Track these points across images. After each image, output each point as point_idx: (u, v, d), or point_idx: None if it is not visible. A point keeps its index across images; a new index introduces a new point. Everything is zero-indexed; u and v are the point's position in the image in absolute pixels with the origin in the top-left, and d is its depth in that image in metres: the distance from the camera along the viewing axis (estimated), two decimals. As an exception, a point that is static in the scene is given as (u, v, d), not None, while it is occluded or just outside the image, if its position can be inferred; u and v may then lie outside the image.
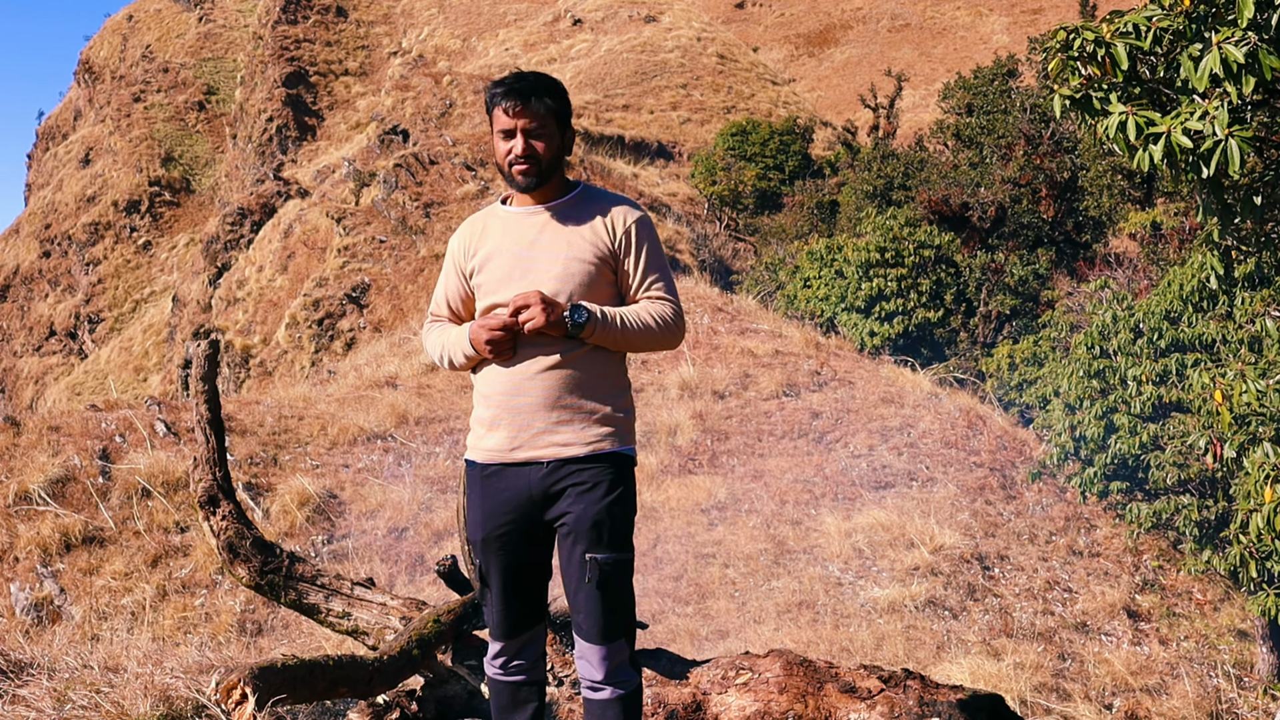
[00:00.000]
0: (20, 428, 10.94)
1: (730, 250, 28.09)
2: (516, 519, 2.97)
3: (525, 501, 2.95)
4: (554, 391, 2.91)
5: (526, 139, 2.91)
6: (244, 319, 27.72)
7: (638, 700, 3.05)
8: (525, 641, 3.10)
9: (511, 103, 2.90)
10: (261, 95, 48.73)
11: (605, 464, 2.94)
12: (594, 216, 3.01)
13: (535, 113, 2.91)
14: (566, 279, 2.94)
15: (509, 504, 2.96)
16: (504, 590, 3.04)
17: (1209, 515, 9.46)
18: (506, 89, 2.91)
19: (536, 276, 2.94)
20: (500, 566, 3.02)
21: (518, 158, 2.92)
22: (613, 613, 2.94)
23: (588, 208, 3.02)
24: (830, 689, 3.86)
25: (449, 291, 3.14)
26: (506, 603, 3.05)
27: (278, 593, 3.89)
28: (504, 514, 2.97)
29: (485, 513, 3.00)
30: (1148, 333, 10.13)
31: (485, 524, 3.00)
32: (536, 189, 2.97)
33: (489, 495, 2.99)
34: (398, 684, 3.88)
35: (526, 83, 2.92)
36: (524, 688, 3.14)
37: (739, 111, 34.53)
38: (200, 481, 3.82)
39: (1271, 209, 4.98)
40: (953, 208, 19.41)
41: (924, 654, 8.51)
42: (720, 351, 14.29)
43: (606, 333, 2.90)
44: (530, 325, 2.83)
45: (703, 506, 10.85)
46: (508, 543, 3.00)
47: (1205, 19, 4.37)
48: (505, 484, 2.97)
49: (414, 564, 9.71)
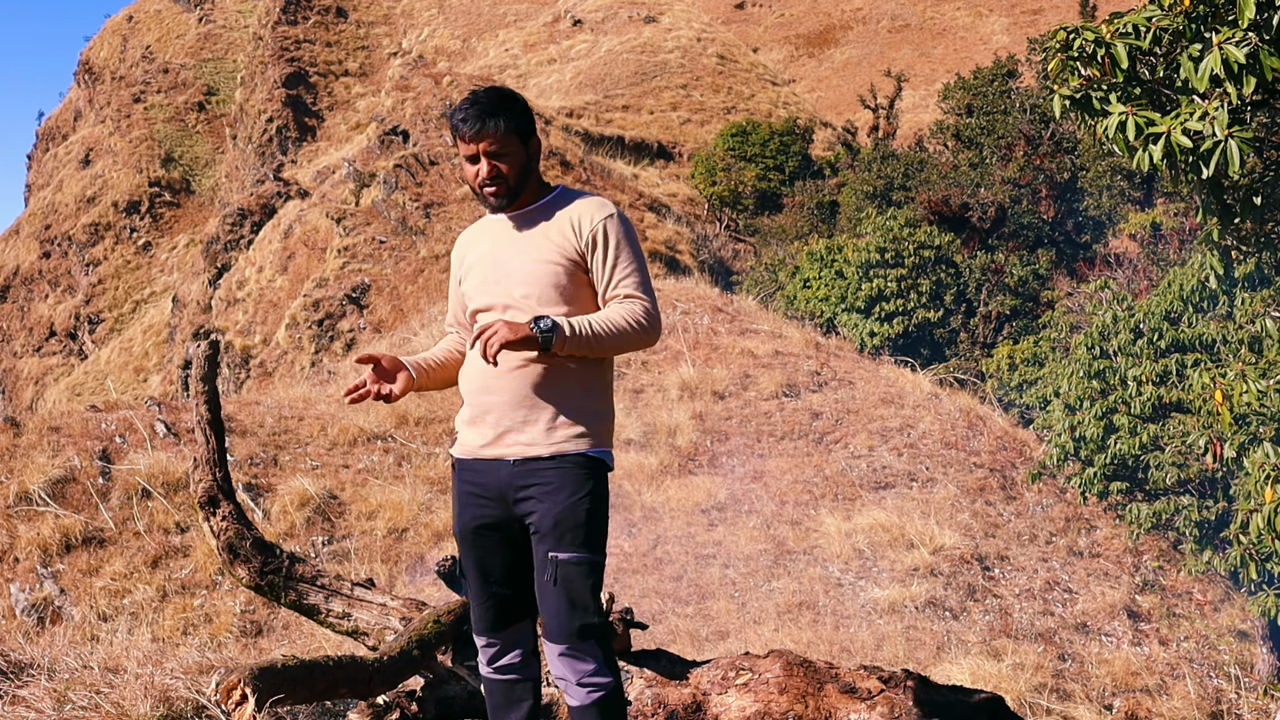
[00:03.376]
0: (20, 428, 10.94)
1: (730, 251, 28.09)
2: (489, 513, 3.02)
3: (497, 497, 3.00)
4: (521, 390, 2.94)
5: (490, 161, 2.95)
6: (244, 319, 27.73)
7: (616, 702, 3.02)
8: (511, 638, 3.11)
9: (470, 128, 2.94)
10: (261, 96, 48.73)
11: (572, 465, 2.94)
12: (563, 218, 3.03)
13: (494, 134, 2.94)
14: (534, 282, 2.96)
15: (481, 498, 3.02)
16: (481, 583, 3.08)
17: (1209, 516, 9.46)
18: (464, 115, 2.95)
19: (508, 281, 2.99)
20: (474, 560, 3.07)
21: (485, 180, 2.97)
22: (573, 612, 2.93)
23: (558, 210, 3.04)
24: (830, 689, 3.86)
25: (453, 302, 3.24)
26: (485, 596, 3.08)
27: (278, 593, 3.89)
28: (477, 507, 3.03)
29: (461, 506, 3.07)
30: (1148, 333, 10.13)
31: (461, 517, 3.07)
32: (509, 207, 3.04)
33: (464, 489, 3.06)
34: (398, 684, 3.88)
35: (481, 105, 2.95)
36: (518, 685, 3.14)
37: (739, 112, 34.53)
38: (200, 482, 3.82)
39: (1271, 209, 4.98)
40: (953, 208, 19.41)
41: (924, 654, 8.51)
42: (720, 352, 14.29)
43: (578, 341, 2.88)
44: (493, 346, 2.77)
45: (703, 507, 10.84)
46: (481, 536, 3.04)
47: (1205, 19, 4.37)
48: (478, 478, 3.02)
49: (414, 564, 9.71)
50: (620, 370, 13.76)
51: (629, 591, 9.29)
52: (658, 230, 26.40)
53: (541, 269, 2.96)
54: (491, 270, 3.03)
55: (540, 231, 3.01)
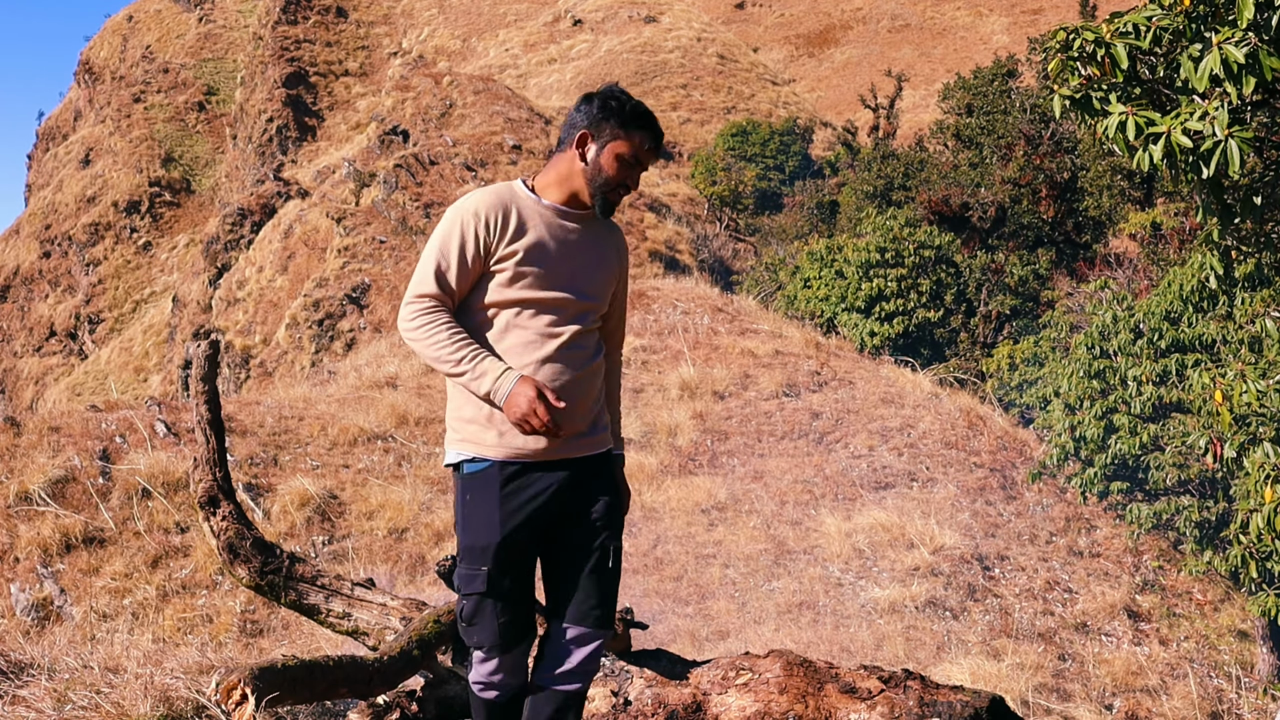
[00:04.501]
0: (20, 428, 10.94)
1: (730, 250, 28.11)
2: (546, 516, 2.92)
3: (554, 498, 2.92)
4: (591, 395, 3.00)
5: (637, 175, 2.92)
6: (244, 319, 27.74)
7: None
8: (523, 652, 3.00)
9: (652, 139, 2.88)
10: (262, 96, 48.73)
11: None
12: (611, 237, 3.04)
13: (657, 153, 2.95)
14: (605, 297, 3.00)
15: (539, 500, 2.89)
16: (522, 596, 2.94)
17: (1209, 516, 9.46)
18: (651, 124, 2.88)
19: (587, 287, 2.92)
20: (519, 568, 2.92)
21: (629, 188, 2.91)
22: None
23: (608, 227, 3.04)
24: (830, 689, 3.86)
25: (459, 265, 2.80)
26: (520, 610, 2.94)
27: (278, 593, 3.88)
28: (535, 512, 2.90)
29: (509, 512, 2.86)
30: (1148, 333, 10.12)
31: (511, 523, 2.87)
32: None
33: (519, 493, 2.87)
34: (398, 684, 3.88)
35: (660, 127, 2.94)
36: (515, 704, 3.03)
37: (739, 112, 34.54)
38: (200, 482, 3.82)
39: (1271, 209, 4.98)
40: (953, 208, 19.41)
41: (924, 654, 8.51)
42: (720, 352, 14.29)
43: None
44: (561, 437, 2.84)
45: (703, 507, 10.85)
46: (531, 543, 2.93)
47: (1205, 19, 4.37)
48: (539, 482, 2.88)
49: (414, 564, 9.71)
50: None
51: (629, 591, 9.29)
52: (658, 230, 26.41)
53: (609, 287, 3.02)
54: (564, 267, 2.88)
55: (606, 246, 3.00)
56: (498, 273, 2.82)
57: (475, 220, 2.80)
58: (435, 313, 2.80)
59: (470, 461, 2.89)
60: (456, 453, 2.91)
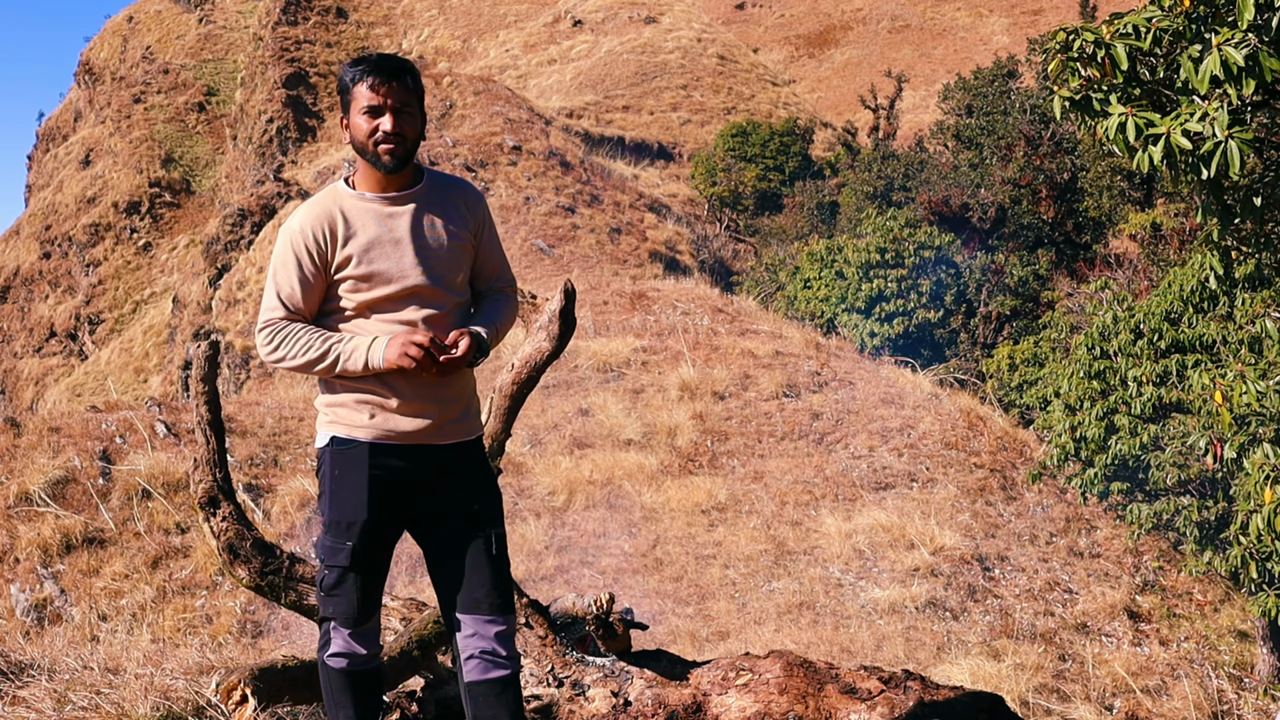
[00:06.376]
0: (20, 429, 10.94)
1: (730, 251, 28.11)
2: (408, 499, 3.00)
3: (417, 482, 2.98)
4: (460, 381, 3.01)
5: (394, 116, 2.84)
6: (244, 320, 27.72)
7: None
8: (374, 626, 3.09)
9: (379, 78, 2.83)
10: (262, 96, 48.73)
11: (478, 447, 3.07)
12: (453, 200, 3.00)
13: (402, 91, 2.85)
14: (457, 266, 2.96)
15: (403, 484, 2.96)
16: (379, 573, 3.03)
17: (1209, 516, 9.45)
18: (373, 66, 2.84)
19: (435, 266, 2.90)
20: (380, 549, 3.00)
21: (387, 135, 2.82)
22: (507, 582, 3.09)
23: (445, 191, 3.01)
24: (830, 690, 3.86)
25: (302, 285, 2.86)
26: (377, 587, 3.05)
27: (278, 594, 3.88)
28: (398, 494, 2.97)
29: (373, 493, 2.92)
30: (1148, 333, 10.12)
31: (373, 505, 2.93)
32: (400, 170, 2.89)
33: (380, 475, 2.93)
34: (398, 684, 3.88)
35: (390, 60, 2.87)
36: (366, 678, 3.10)
37: (739, 112, 34.55)
38: (200, 483, 3.82)
39: (1271, 209, 4.98)
40: (953, 209, 19.41)
41: (924, 655, 8.51)
42: (720, 352, 14.29)
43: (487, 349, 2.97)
44: (455, 356, 2.81)
45: (703, 507, 10.85)
46: (394, 523, 3.00)
47: (1205, 20, 4.37)
48: (401, 463, 2.93)
49: (414, 564, 9.70)
50: (620, 371, 13.76)
51: (629, 592, 9.29)
52: (658, 231, 26.40)
53: (459, 255, 2.97)
54: (405, 254, 2.87)
55: (447, 214, 2.96)
56: (341, 281, 2.87)
57: (303, 238, 2.86)
58: (288, 324, 2.89)
59: (340, 440, 2.95)
60: (327, 434, 2.96)
